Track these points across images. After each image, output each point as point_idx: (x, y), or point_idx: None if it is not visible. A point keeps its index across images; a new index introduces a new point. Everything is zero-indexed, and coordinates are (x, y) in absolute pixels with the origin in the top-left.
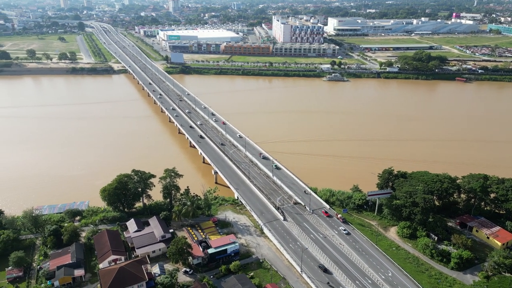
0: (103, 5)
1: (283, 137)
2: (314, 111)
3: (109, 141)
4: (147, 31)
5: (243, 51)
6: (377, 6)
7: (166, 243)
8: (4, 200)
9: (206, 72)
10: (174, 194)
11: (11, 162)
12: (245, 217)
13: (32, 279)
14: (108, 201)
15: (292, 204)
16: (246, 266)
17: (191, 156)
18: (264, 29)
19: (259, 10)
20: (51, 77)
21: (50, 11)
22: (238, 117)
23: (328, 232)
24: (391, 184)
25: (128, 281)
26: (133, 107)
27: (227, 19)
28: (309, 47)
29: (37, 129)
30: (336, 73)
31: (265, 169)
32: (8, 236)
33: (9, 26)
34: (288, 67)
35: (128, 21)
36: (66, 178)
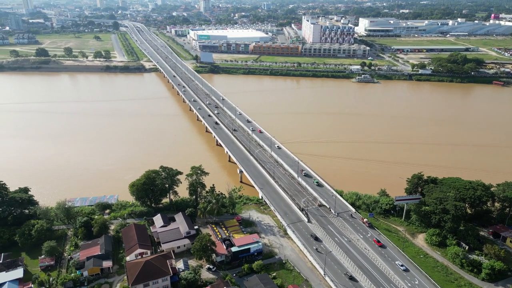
0: (137, 5)
1: (309, 139)
2: (341, 113)
3: (138, 138)
4: (178, 30)
5: (272, 51)
6: (410, 6)
7: (191, 240)
8: (40, 191)
9: (235, 72)
10: (200, 192)
11: (48, 155)
12: (269, 217)
13: (63, 268)
14: (136, 196)
15: (317, 206)
16: (269, 266)
17: (217, 154)
18: (294, 29)
19: (289, 10)
20: (86, 74)
21: (87, 11)
22: (264, 117)
23: (353, 236)
24: (420, 189)
25: (154, 274)
26: (162, 105)
27: (257, 19)
28: (338, 48)
29: (72, 124)
30: (366, 74)
31: (290, 170)
32: (42, 226)
33: (49, 24)
34: (316, 67)
35: (160, 21)
36: (98, 172)
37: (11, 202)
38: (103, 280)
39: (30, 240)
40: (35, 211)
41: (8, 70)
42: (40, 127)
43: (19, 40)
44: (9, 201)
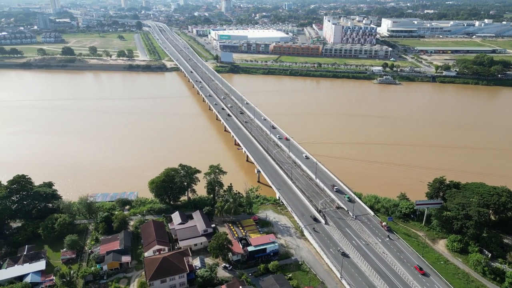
0: (160, 5)
1: (328, 140)
2: (362, 115)
3: (158, 136)
4: (200, 30)
5: (292, 52)
6: (435, 6)
7: (208, 238)
8: (63, 186)
9: (254, 72)
10: (218, 190)
11: (71, 151)
12: (285, 218)
13: (83, 261)
14: (155, 193)
15: (335, 209)
16: (285, 267)
17: (235, 154)
18: (315, 29)
19: (310, 11)
20: (109, 73)
21: (112, 11)
22: (283, 118)
23: (371, 240)
24: (442, 194)
25: (171, 271)
26: (183, 104)
27: (278, 19)
28: (360, 48)
29: (94, 121)
30: (388, 75)
31: (308, 171)
32: (65, 220)
33: (74, 24)
34: (337, 68)
35: (182, 21)
36: (119, 168)
37: (35, 196)
38: (122, 275)
39: (53, 233)
40: (58, 205)
41: (36, 68)
42: (64, 124)
43: (46, 39)
44: (34, 195)
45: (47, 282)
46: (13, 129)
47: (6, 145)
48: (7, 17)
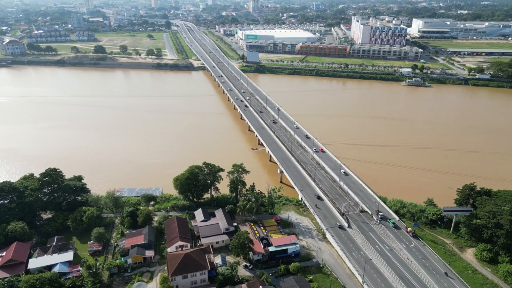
0: (188, 5)
1: (353, 142)
2: (389, 117)
3: (183, 134)
4: (227, 30)
5: (319, 52)
6: (470, 7)
7: (229, 236)
8: (92, 180)
9: (280, 72)
10: (240, 189)
11: (100, 146)
12: (307, 220)
13: (109, 254)
14: (179, 189)
15: (358, 212)
16: (306, 269)
17: (259, 153)
18: (342, 29)
19: (338, 11)
20: (138, 71)
21: (142, 10)
22: (308, 119)
23: (395, 245)
24: (471, 201)
25: (192, 267)
26: (208, 102)
27: (305, 19)
28: (389, 49)
29: (123, 118)
30: (417, 77)
31: (332, 172)
32: (93, 213)
33: (107, 23)
34: (364, 69)
35: (210, 20)
36: (144, 164)
37: (66, 189)
38: (145, 269)
39: (81, 225)
40: (87, 198)
41: (69, 65)
42: (94, 120)
43: (80, 37)
44: (64, 188)
45: (74, 273)
46: (47, 124)
47: (40, 139)
48: (44, 16)
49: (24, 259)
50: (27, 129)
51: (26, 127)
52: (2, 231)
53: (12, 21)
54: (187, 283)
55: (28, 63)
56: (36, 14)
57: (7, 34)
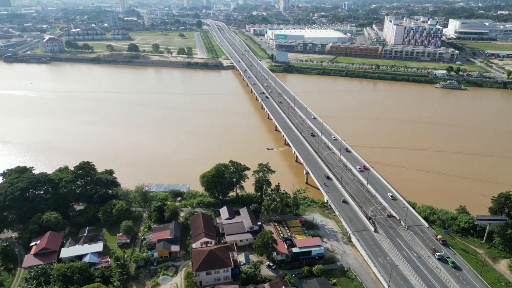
0: (220, 5)
1: (382, 145)
2: (421, 121)
3: (211, 132)
4: (257, 29)
5: (349, 52)
6: (510, 7)
7: (253, 235)
8: (122, 175)
9: (309, 72)
10: (265, 189)
11: (130, 142)
12: (333, 222)
13: (136, 247)
14: (206, 186)
15: (386, 217)
16: (329, 272)
17: (285, 153)
18: (374, 30)
19: (371, 10)
20: (169, 70)
21: (175, 10)
22: (336, 120)
23: (423, 252)
24: (507, 210)
25: (216, 264)
26: (236, 102)
27: (336, 19)
28: (423, 51)
29: (153, 115)
30: (452, 80)
31: (359, 175)
32: (122, 206)
33: (140, 22)
34: (396, 70)
35: (240, 20)
36: (173, 161)
37: (97, 182)
38: (170, 263)
39: (111, 218)
40: (117, 192)
41: (104, 63)
42: (125, 116)
43: (115, 35)
44: (96, 181)
45: (103, 263)
46: (81, 119)
47: (75, 133)
48: (81, 14)
49: (56, 248)
50: (62, 123)
51: (61, 121)
52: (37, 220)
53: (52, 20)
54: (211, 279)
55: (65, 60)
56: (74, 13)
57: (47, 31)
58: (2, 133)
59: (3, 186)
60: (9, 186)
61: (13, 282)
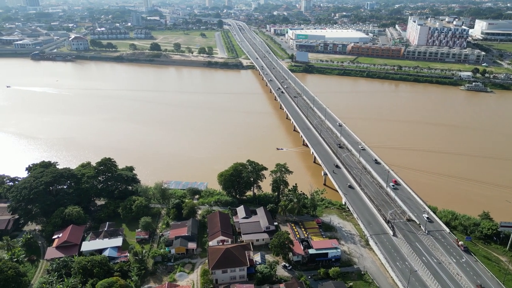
0: (241, 4)
1: (403, 147)
2: (443, 124)
3: (229, 131)
4: (277, 29)
5: (371, 53)
6: None
7: (270, 235)
8: (142, 171)
9: (329, 72)
10: (282, 189)
11: (150, 140)
12: (350, 225)
13: (154, 243)
14: (223, 185)
15: (405, 221)
16: (346, 274)
17: (303, 154)
18: (397, 30)
19: (394, 11)
20: (190, 69)
21: (197, 10)
22: (356, 122)
23: (444, 258)
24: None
25: (232, 262)
26: (255, 101)
27: (358, 19)
28: (447, 52)
29: (172, 113)
30: (478, 82)
31: (378, 178)
32: (141, 202)
33: (163, 22)
34: (419, 72)
35: (261, 20)
36: (191, 159)
37: (118, 178)
38: (187, 260)
39: (130, 214)
40: (136, 188)
41: (127, 61)
42: (146, 114)
43: (138, 35)
44: (117, 177)
45: (122, 258)
46: (104, 116)
47: (97, 130)
48: (106, 14)
49: (78, 241)
50: (86, 120)
51: (85, 118)
52: (60, 213)
53: (78, 19)
54: (227, 277)
55: (90, 58)
56: (99, 12)
57: (73, 30)
58: (28, 129)
59: (28, 180)
60: (34, 180)
61: (36, 274)
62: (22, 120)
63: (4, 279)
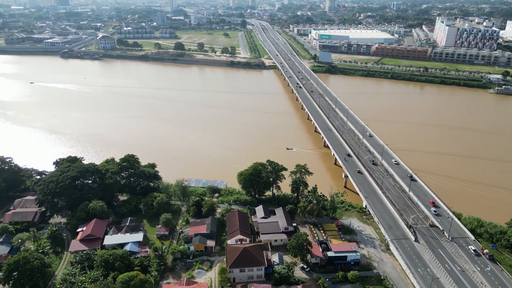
0: (264, 4)
1: (425, 151)
2: (470, 128)
3: (250, 131)
4: (301, 29)
5: (396, 54)
6: None
7: (288, 236)
8: (164, 168)
9: (352, 73)
10: (302, 190)
11: (172, 138)
12: (371, 228)
13: (174, 239)
14: (243, 184)
15: (428, 226)
16: (365, 279)
17: (323, 156)
18: (424, 31)
19: (421, 11)
20: (213, 68)
21: (221, 9)
22: (379, 124)
23: (468, 266)
24: None
25: (250, 262)
26: (276, 102)
27: (384, 19)
28: (476, 53)
29: (194, 112)
30: (508, 85)
31: (401, 182)
32: (162, 199)
33: (187, 21)
34: (446, 74)
35: (284, 20)
36: (212, 158)
37: (141, 175)
38: (206, 258)
39: (152, 210)
40: (158, 185)
41: (151, 60)
42: (168, 112)
43: (162, 34)
44: (139, 174)
45: (143, 253)
46: (128, 113)
47: (121, 127)
48: (133, 13)
49: (101, 235)
50: (110, 117)
51: (109, 115)
52: (84, 207)
53: (105, 18)
54: (244, 276)
55: (116, 57)
56: (126, 12)
57: (100, 30)
58: (56, 124)
59: (55, 174)
60: (60, 174)
61: (60, 265)
62: (50, 115)
63: (30, 269)
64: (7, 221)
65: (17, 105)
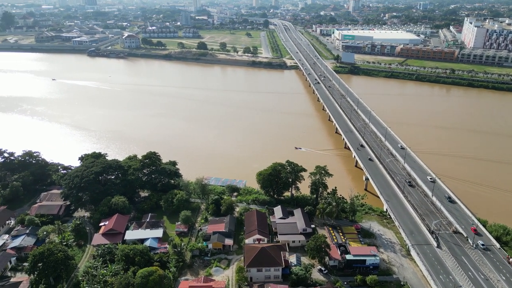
0: (287, 4)
1: (451, 155)
2: (499, 132)
3: (270, 131)
4: (323, 30)
5: (421, 55)
6: None
7: (306, 237)
8: (184, 166)
9: (375, 74)
10: (321, 192)
11: (193, 136)
12: (391, 233)
13: (193, 236)
14: (261, 184)
15: (451, 232)
16: (384, 284)
17: (344, 157)
18: (452, 32)
19: (449, 11)
20: (234, 68)
21: (243, 9)
22: (402, 126)
23: (492, 275)
24: None
25: (267, 262)
26: (297, 102)
27: (409, 20)
28: (506, 55)
29: (216, 111)
30: None
31: (423, 186)
32: (182, 196)
33: (210, 21)
34: (474, 76)
35: (307, 20)
36: (232, 157)
37: (162, 172)
38: (223, 256)
39: (172, 207)
40: (178, 182)
41: (175, 60)
42: (190, 111)
43: (186, 34)
44: (161, 171)
45: (162, 249)
46: (151, 111)
47: (144, 124)
48: (157, 13)
49: (122, 230)
50: (134, 115)
51: (133, 113)
52: (107, 202)
53: (131, 18)
54: (261, 276)
55: (141, 56)
56: (151, 12)
57: (126, 29)
58: (82, 121)
59: (80, 169)
60: (85, 170)
61: (82, 258)
62: (76, 112)
63: (54, 261)
64: (33, 213)
65: (46, 102)
